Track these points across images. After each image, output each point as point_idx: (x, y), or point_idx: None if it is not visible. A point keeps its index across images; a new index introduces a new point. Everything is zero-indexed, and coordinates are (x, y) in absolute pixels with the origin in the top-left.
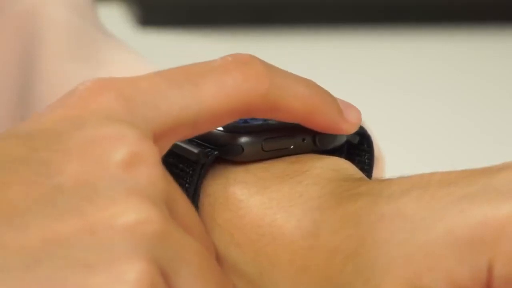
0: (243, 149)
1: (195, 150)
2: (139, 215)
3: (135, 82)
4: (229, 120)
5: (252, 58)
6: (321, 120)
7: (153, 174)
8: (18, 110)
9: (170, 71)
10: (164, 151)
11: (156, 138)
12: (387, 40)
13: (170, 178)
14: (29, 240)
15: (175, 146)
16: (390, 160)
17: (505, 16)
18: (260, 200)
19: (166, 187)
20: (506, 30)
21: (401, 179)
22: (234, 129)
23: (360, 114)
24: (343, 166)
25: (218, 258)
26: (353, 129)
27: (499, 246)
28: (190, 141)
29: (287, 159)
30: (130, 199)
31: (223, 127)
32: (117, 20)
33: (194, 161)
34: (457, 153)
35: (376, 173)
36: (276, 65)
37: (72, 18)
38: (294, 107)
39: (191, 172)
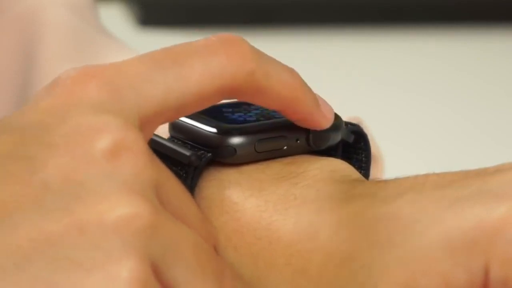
0: (235, 151)
1: (188, 153)
2: (128, 210)
3: (119, 69)
4: (214, 101)
5: (238, 38)
6: (301, 110)
7: (139, 162)
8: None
9: (153, 54)
10: (150, 136)
11: (142, 124)
12: (387, 40)
13: (159, 164)
14: (18, 239)
15: (167, 149)
16: (390, 160)
17: (505, 16)
18: (255, 203)
19: (154, 174)
20: (506, 30)
21: (396, 180)
22: (226, 131)
23: (333, 111)
24: (339, 167)
25: None
26: (327, 124)
27: (494, 249)
28: (183, 143)
29: (283, 160)
30: (117, 194)
31: (216, 128)
32: (117, 20)
33: (187, 164)
34: (456, 153)
35: (375, 173)
36: None
37: (72, 19)
38: (279, 92)
39: (184, 175)
